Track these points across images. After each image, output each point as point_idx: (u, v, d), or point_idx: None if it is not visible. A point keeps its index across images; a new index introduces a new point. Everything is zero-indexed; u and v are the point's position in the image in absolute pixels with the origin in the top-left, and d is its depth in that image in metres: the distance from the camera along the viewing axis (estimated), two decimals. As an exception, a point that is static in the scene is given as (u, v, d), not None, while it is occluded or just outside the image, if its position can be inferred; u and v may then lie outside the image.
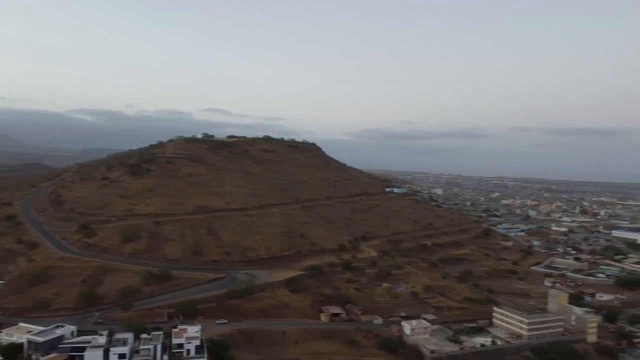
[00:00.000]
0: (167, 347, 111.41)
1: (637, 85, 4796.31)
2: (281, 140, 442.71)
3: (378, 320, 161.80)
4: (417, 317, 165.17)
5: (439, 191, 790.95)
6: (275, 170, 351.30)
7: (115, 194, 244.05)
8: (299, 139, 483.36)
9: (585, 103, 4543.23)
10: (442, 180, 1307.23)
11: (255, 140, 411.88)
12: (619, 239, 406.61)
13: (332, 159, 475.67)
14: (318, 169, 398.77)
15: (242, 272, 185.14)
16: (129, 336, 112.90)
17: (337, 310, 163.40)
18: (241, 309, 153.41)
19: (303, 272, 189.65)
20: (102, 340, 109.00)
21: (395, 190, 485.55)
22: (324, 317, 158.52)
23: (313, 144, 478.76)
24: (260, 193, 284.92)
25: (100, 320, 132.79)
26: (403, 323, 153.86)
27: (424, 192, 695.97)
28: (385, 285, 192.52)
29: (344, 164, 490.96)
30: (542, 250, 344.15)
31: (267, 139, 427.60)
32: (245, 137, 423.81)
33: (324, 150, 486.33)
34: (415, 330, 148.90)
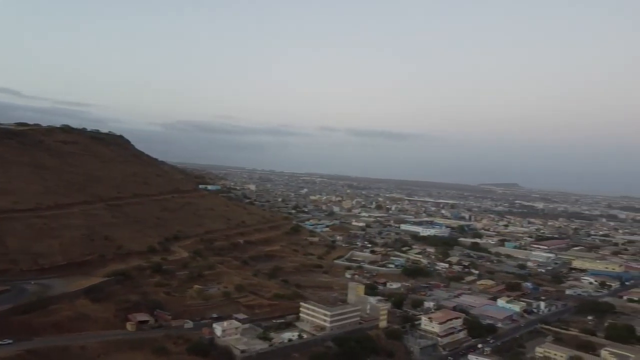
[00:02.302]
0: None
1: (426, 95, 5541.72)
2: (83, 131, 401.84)
3: (189, 324, 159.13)
4: (228, 317, 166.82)
5: (252, 187, 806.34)
6: (75, 164, 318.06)
7: None
8: (105, 129, 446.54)
9: (384, 110, 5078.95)
10: (256, 176, 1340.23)
11: (51, 130, 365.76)
12: (406, 231, 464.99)
13: (142, 152, 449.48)
14: (126, 163, 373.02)
15: (32, 282, 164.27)
16: None
17: (144, 317, 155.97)
18: (31, 325, 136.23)
19: (107, 279, 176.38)
20: None
21: (209, 187, 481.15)
22: (130, 326, 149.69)
23: (120, 136, 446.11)
24: (57, 191, 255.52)
25: None
26: (214, 325, 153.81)
27: (238, 188, 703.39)
28: (196, 287, 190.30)
29: (156, 159, 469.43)
30: (343, 245, 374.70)
31: (65, 129, 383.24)
32: (39, 124, 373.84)
33: (133, 143, 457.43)
34: (226, 331, 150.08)
